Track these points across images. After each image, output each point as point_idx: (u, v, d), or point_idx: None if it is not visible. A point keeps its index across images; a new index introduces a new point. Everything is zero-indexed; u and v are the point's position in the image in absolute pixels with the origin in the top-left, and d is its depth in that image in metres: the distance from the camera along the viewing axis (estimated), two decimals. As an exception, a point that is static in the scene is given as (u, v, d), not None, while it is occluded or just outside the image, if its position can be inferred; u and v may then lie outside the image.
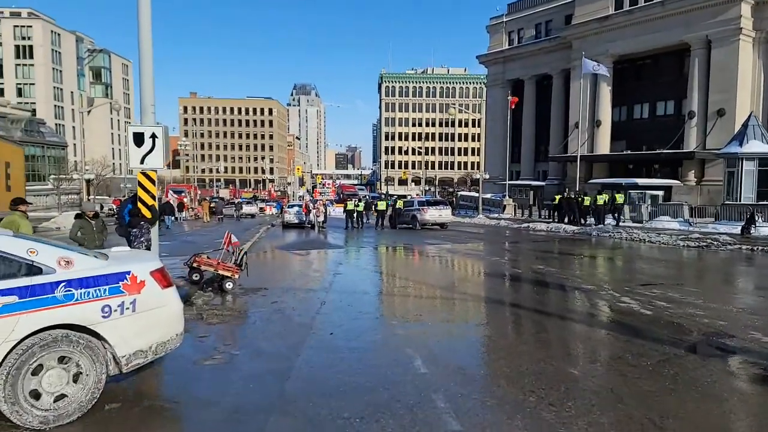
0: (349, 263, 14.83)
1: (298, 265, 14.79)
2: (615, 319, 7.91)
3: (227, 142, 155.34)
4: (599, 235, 23.50)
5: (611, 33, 45.37)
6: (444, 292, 10.25)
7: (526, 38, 57.32)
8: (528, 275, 12.23)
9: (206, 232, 28.25)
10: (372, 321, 7.91)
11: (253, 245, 20.30)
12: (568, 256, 16.44)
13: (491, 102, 61.65)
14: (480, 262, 14.92)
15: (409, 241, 22.68)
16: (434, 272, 12.90)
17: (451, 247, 19.07)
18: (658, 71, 45.47)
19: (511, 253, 17.49)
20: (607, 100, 46.94)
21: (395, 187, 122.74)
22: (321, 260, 15.81)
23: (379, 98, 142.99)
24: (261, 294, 9.97)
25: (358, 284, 11.30)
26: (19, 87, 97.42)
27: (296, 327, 7.45)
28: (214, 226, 34.84)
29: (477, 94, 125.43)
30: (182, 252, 16.42)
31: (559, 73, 52.38)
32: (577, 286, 10.68)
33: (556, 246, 20.46)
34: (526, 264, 14.22)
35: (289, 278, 12.08)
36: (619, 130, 47.48)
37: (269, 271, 13.51)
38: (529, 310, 8.52)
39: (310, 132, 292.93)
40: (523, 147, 57.87)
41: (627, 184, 33.34)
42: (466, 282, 11.50)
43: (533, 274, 12.29)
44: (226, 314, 8.21)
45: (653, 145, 43.78)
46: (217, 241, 21.00)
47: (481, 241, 22.02)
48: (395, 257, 16.99)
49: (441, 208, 29.32)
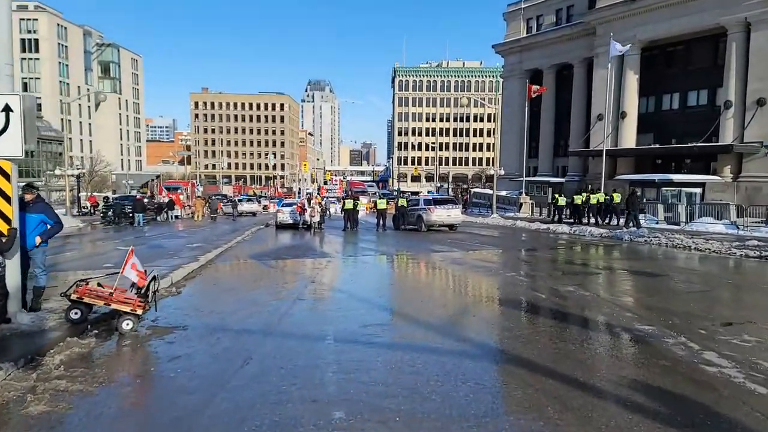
0: (323, 282, 11.68)
1: (257, 283, 11.70)
2: (710, 407, 4.68)
3: (238, 137, 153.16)
4: (632, 239, 20.09)
5: (640, 16, 41.67)
6: (439, 337, 7.08)
7: (546, 25, 53.68)
8: (554, 304, 9.00)
9: (187, 234, 25.33)
10: (309, 409, 4.77)
11: (225, 252, 17.30)
12: (603, 272, 13.13)
13: (507, 94, 58.12)
14: (491, 280, 11.68)
15: (410, 247, 19.50)
16: (430, 300, 9.67)
17: (458, 257, 15.87)
18: (690, 58, 41.82)
19: (530, 265, 14.21)
20: (633, 89, 43.24)
21: (408, 184, 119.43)
22: (291, 275, 12.69)
23: (393, 93, 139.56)
24: (170, 338, 6.90)
25: (318, 319, 8.17)
26: (25, 81, 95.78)
27: (179, 420, 4.37)
28: (205, 226, 31.99)
29: (493, 87, 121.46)
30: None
31: (581, 62, 48.75)
32: (628, 326, 7.44)
33: (584, 255, 17.15)
34: (551, 284, 10.98)
35: (230, 307, 8.98)
36: (646, 122, 43.83)
37: (212, 295, 10.41)
38: (559, 382, 5.30)
39: (324, 128, 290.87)
40: (541, 141, 54.31)
41: (660, 180, 29.79)
42: (469, 317, 8.26)
43: (561, 303, 9.06)
44: (87, 388, 5.12)
45: (683, 138, 40.11)
46: (193, 246, 18.11)
47: (494, 247, 18.76)
48: (386, 272, 13.77)
49: (449, 208, 26.03)
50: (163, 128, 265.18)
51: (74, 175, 36.43)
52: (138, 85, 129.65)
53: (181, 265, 12.87)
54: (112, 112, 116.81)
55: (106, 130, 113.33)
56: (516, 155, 54.09)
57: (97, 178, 60.24)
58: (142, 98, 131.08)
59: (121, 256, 16.34)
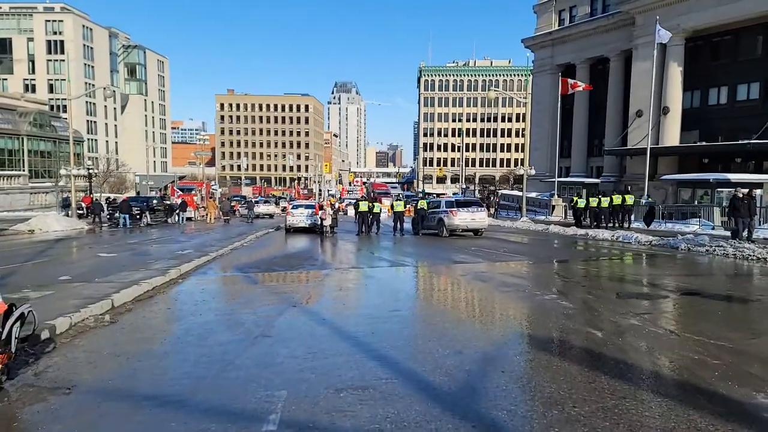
0: (307, 306, 9.13)
1: (224, 307, 9.28)
2: None
3: (263, 139, 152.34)
4: (690, 249, 17.10)
5: (684, 4, 38.28)
6: (448, 418, 4.51)
7: (579, 17, 50.39)
8: (618, 350, 6.31)
9: (187, 238, 23.17)
10: None
11: (213, 261, 14.97)
12: (670, 294, 10.32)
13: (537, 90, 54.94)
14: (525, 307, 9.01)
15: (428, 256, 16.91)
16: (441, 339, 7.03)
17: (482, 270, 13.22)
18: (739, 48, 38.34)
19: (573, 283, 11.46)
20: (677, 83, 39.77)
21: (433, 185, 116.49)
22: (272, 296, 10.16)
23: (418, 93, 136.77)
24: (37, 409, 4.49)
25: (274, 373, 5.65)
26: (51, 83, 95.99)
27: None
28: (214, 229, 29.97)
29: (522, 86, 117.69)
30: (95, 275, 11.23)
31: (618, 55, 45.45)
32: (746, 396, 4.76)
33: (637, 268, 14.30)
34: (607, 313, 8.27)
35: (163, 348, 6.54)
36: (690, 118, 40.34)
37: (151, 327, 7.87)
38: None
39: (350, 130, 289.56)
40: (573, 140, 51.00)
41: (716, 180, 26.47)
42: (495, 375, 5.65)
43: (629, 347, 6.38)
44: None
45: (733, 134, 36.63)
46: (181, 253, 15.71)
47: (526, 257, 16.03)
48: (390, 292, 11.08)
49: (474, 211, 23.28)
50: (194, 130, 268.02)
51: (82, 175, 34.83)
52: (164, 86, 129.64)
53: (143, 279, 10.55)
54: (138, 114, 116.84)
55: (132, 131, 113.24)
56: (546, 155, 50.98)
57: (113, 179, 59.08)
58: (168, 100, 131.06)
59: (99, 264, 14.27)
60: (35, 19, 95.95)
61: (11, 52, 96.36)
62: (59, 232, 26.48)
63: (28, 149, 49.83)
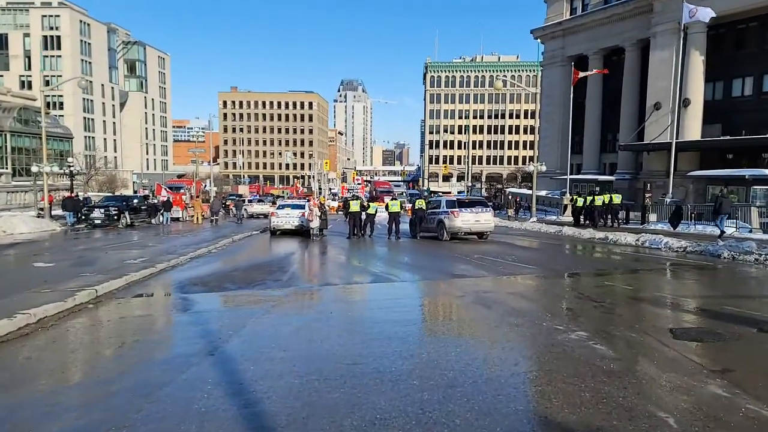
0: (231, 352, 6.45)
1: (110, 355, 6.63)
2: None
3: (266, 137, 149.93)
4: (735, 257, 14.31)
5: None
6: None
7: (592, 5, 47.40)
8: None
9: (154, 242, 20.55)
10: None
11: (160, 273, 12.36)
12: (736, 327, 7.57)
13: (547, 83, 52.04)
14: (544, 352, 6.31)
15: (423, 267, 14.24)
16: (420, 422, 4.39)
17: (486, 288, 10.53)
18: (766, 36, 35.30)
19: (605, 312, 8.71)
20: (698, 73, 36.78)
21: (438, 184, 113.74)
22: (195, 331, 7.46)
23: (424, 89, 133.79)
24: None
25: None
26: (47, 79, 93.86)
27: None
28: (196, 230, 27.46)
29: (531, 82, 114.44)
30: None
31: (634, 45, 42.47)
32: None
33: (679, 285, 11.55)
34: (663, 363, 5.59)
35: None
36: (712, 110, 37.37)
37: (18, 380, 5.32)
38: None
39: (357, 128, 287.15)
40: (585, 135, 48.03)
41: (752, 176, 23.64)
42: None
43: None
44: None
45: (757, 128, 33.70)
46: (131, 262, 12.60)
47: (538, 269, 13.30)
48: (358, 330, 8.12)
49: (478, 211, 20.52)
50: (199, 129, 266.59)
51: (60, 173, 32.38)
52: (165, 84, 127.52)
53: (33, 307, 7.94)
54: (137, 111, 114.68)
55: (132, 129, 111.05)
56: (557, 151, 48.16)
57: (102, 177, 56.60)
58: (169, 97, 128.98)
59: (14, 279, 11.17)
60: (32, 14, 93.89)
61: (7, 48, 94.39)
62: (25, 235, 24.04)
63: (11, 146, 47.50)
